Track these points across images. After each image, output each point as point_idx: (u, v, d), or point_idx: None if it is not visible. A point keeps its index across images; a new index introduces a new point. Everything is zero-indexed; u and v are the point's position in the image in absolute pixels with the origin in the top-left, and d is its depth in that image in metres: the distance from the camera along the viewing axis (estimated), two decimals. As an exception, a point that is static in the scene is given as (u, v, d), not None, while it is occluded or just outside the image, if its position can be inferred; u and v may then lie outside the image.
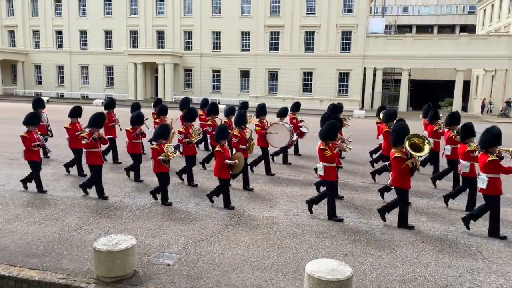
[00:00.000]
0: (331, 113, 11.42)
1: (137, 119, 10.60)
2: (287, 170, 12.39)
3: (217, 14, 42.23)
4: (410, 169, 7.43)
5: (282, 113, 12.83)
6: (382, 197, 9.41)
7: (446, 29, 61.80)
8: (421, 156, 7.76)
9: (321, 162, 7.99)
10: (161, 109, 12.78)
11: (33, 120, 9.44)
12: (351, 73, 39.92)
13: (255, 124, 11.77)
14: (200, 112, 13.83)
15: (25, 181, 9.65)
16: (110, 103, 13.11)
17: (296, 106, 14.20)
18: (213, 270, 6.01)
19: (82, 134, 9.11)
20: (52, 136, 13.06)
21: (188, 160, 10.35)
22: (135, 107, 13.00)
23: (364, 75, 40.21)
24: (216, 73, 43.30)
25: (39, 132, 9.88)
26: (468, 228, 7.57)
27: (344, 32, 39.60)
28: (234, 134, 10.09)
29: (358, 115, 33.25)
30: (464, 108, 41.67)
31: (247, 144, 10.07)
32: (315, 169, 9.20)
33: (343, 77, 40.43)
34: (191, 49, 43.28)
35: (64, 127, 10.92)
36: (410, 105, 41.08)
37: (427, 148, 7.58)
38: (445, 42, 39.00)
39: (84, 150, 9.06)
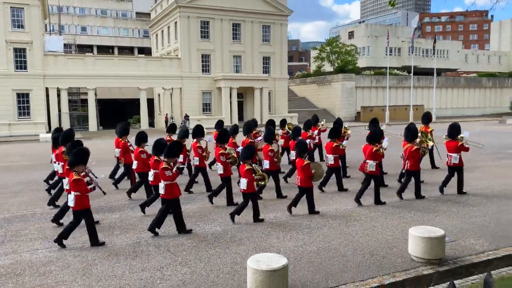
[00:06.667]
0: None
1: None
2: None
3: None
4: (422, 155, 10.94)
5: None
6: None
7: (126, 50, 65.54)
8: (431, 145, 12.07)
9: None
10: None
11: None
12: (31, 93, 36.54)
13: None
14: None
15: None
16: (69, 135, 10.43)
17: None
18: None
19: (165, 166, 7.99)
20: None
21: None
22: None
23: (48, 95, 37.62)
24: None
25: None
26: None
27: (17, 49, 35.90)
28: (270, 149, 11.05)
29: (45, 138, 30.77)
30: (152, 124, 45.27)
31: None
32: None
33: (23, 98, 36.54)
34: None
35: None
36: (100, 124, 41.23)
37: (430, 142, 11.91)
38: (126, 62, 41.32)
39: (165, 183, 7.96)
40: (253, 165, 9.03)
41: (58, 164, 10.42)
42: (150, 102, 46.13)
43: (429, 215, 9.32)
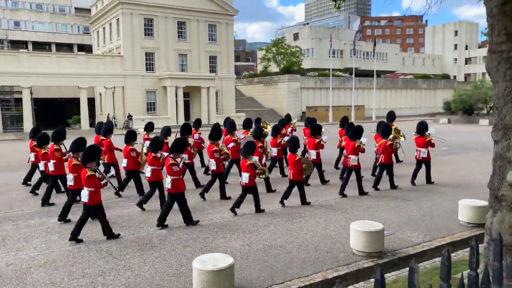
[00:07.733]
0: None
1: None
2: None
3: None
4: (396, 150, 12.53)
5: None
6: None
7: (65, 47, 62.42)
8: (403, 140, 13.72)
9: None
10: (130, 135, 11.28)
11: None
12: (-43, 92, 33.79)
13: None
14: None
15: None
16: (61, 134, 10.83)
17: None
18: None
19: (172, 162, 8.20)
20: None
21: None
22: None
23: (-24, 94, 35.02)
24: None
25: None
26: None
27: None
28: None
29: (-26, 140, 28.65)
30: (92, 124, 43.29)
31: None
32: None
33: None
34: None
35: None
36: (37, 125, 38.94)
37: (402, 138, 13.52)
38: (65, 60, 39.37)
39: (172, 177, 8.15)
40: (254, 160, 9.45)
41: (50, 162, 10.44)
42: (91, 101, 44.28)
43: (369, 210, 9.71)
